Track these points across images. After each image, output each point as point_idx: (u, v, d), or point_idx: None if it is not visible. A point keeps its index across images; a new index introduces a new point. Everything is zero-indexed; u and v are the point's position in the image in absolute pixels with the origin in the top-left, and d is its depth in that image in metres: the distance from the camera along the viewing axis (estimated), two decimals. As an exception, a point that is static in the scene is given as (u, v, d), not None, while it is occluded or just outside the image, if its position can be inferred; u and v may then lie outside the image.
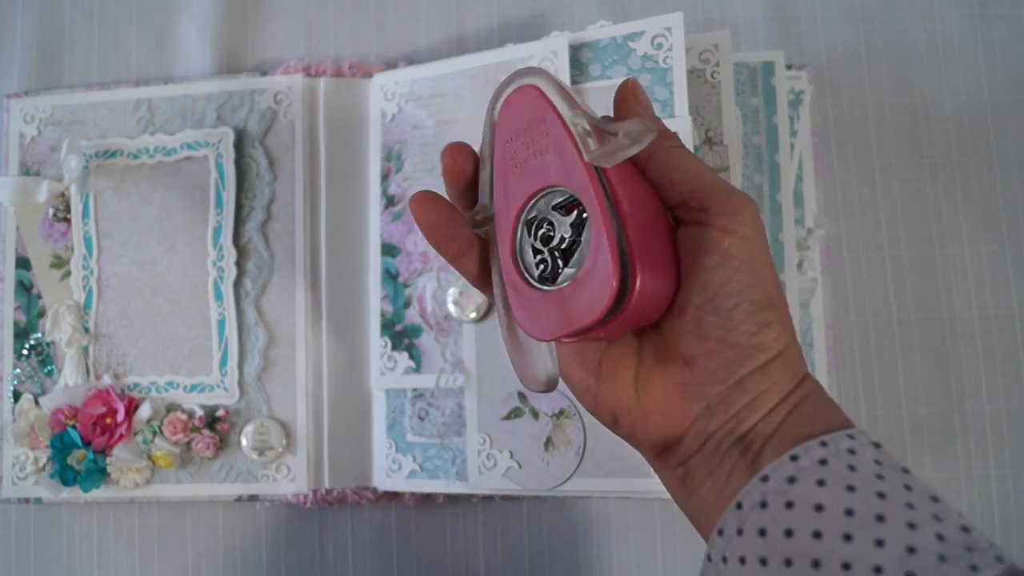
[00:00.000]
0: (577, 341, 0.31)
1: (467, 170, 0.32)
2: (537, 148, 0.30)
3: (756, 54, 0.58)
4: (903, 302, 0.61)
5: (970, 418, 0.60)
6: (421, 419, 0.56)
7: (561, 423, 0.52)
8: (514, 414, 0.53)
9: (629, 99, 0.32)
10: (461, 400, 0.54)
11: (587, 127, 0.29)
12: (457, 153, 0.32)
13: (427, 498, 0.57)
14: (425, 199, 0.32)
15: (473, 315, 0.54)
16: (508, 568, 0.59)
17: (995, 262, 0.62)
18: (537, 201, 0.30)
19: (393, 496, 0.58)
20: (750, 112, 0.57)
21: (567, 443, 0.51)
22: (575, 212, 0.29)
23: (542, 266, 0.30)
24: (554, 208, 0.30)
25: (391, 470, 0.56)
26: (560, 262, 0.30)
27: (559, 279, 0.30)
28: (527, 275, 0.30)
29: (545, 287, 0.30)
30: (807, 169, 0.60)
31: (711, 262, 0.29)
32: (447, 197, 0.33)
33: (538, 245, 0.30)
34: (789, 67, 0.60)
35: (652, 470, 0.33)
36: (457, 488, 0.54)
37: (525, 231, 0.30)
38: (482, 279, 0.33)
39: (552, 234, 0.30)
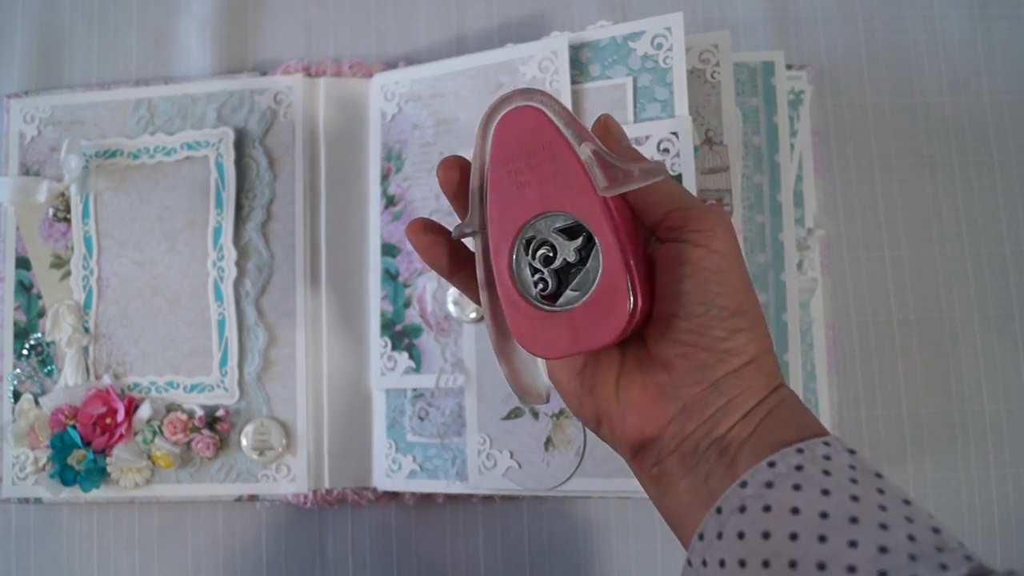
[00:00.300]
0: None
1: (456, 183, 0.33)
2: (540, 172, 0.31)
3: (756, 54, 0.58)
4: (903, 302, 0.61)
5: (970, 418, 0.60)
6: (421, 419, 0.56)
7: (561, 423, 0.52)
8: (514, 414, 0.53)
9: (602, 134, 0.34)
10: (461, 400, 0.54)
11: (592, 156, 0.30)
12: (451, 167, 0.33)
13: (427, 498, 0.57)
14: (418, 225, 0.34)
15: (473, 315, 0.54)
16: (508, 568, 0.59)
17: (995, 262, 0.62)
18: (536, 222, 0.31)
19: (393, 496, 0.58)
20: (750, 112, 0.57)
21: (567, 443, 0.51)
22: (580, 238, 0.31)
23: (540, 285, 0.31)
24: (557, 231, 0.31)
25: (391, 470, 0.56)
26: (561, 284, 0.31)
27: (560, 300, 0.31)
28: (525, 294, 0.31)
29: (546, 307, 0.31)
30: (807, 169, 0.60)
31: (683, 273, 0.31)
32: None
33: (537, 265, 0.31)
34: (789, 67, 0.60)
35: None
36: (457, 488, 0.54)
37: (522, 250, 0.31)
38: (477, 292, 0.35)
39: (552, 256, 0.31)
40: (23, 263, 0.60)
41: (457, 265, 0.34)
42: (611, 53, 0.53)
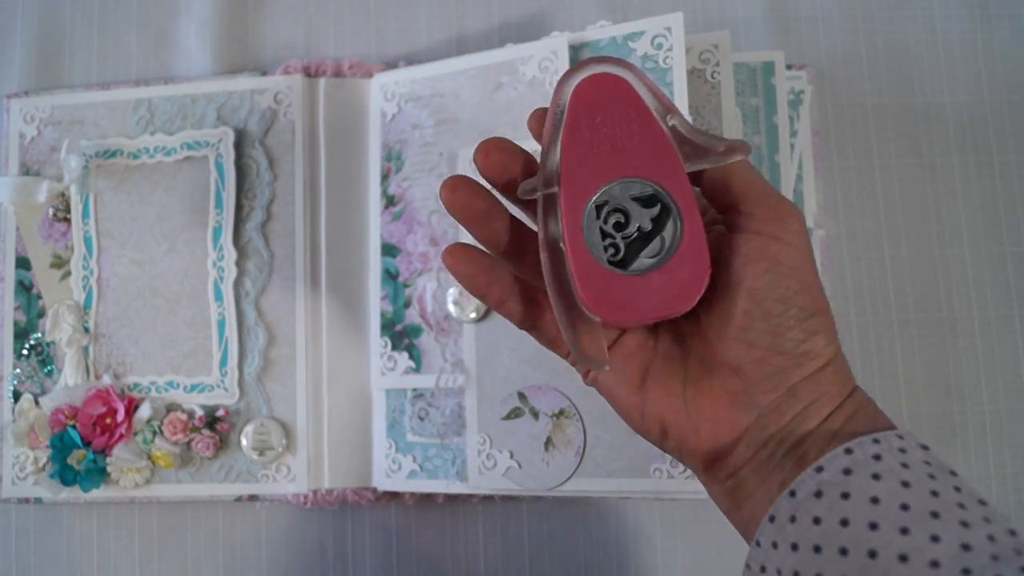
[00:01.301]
0: (628, 327, 0.32)
1: (512, 167, 0.32)
2: (619, 138, 0.30)
3: (756, 54, 0.58)
4: (903, 302, 0.61)
5: (970, 418, 0.60)
6: (421, 419, 0.56)
7: (561, 423, 0.52)
8: (514, 414, 0.53)
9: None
10: (461, 400, 0.54)
11: (678, 128, 0.30)
12: (491, 151, 0.31)
13: (427, 498, 0.57)
14: (458, 252, 0.32)
15: (473, 315, 0.54)
16: (508, 568, 0.59)
17: (995, 262, 0.62)
18: (610, 188, 0.30)
19: (393, 496, 0.58)
20: (750, 112, 0.57)
21: (567, 443, 0.51)
22: (657, 206, 0.30)
23: (611, 251, 0.30)
24: (632, 199, 0.30)
25: (391, 470, 0.56)
26: (631, 251, 0.30)
27: (634, 266, 0.30)
28: (596, 257, 0.30)
29: (617, 272, 0.30)
30: (807, 169, 0.60)
31: (759, 268, 0.29)
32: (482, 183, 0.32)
33: (609, 230, 0.30)
34: (789, 67, 0.60)
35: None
36: (457, 488, 0.54)
37: (593, 214, 0.31)
38: (528, 319, 0.33)
39: (625, 222, 0.30)
40: (23, 263, 0.60)
41: (503, 294, 0.32)
42: (611, 53, 0.53)
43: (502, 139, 0.32)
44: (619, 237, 0.30)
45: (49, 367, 0.59)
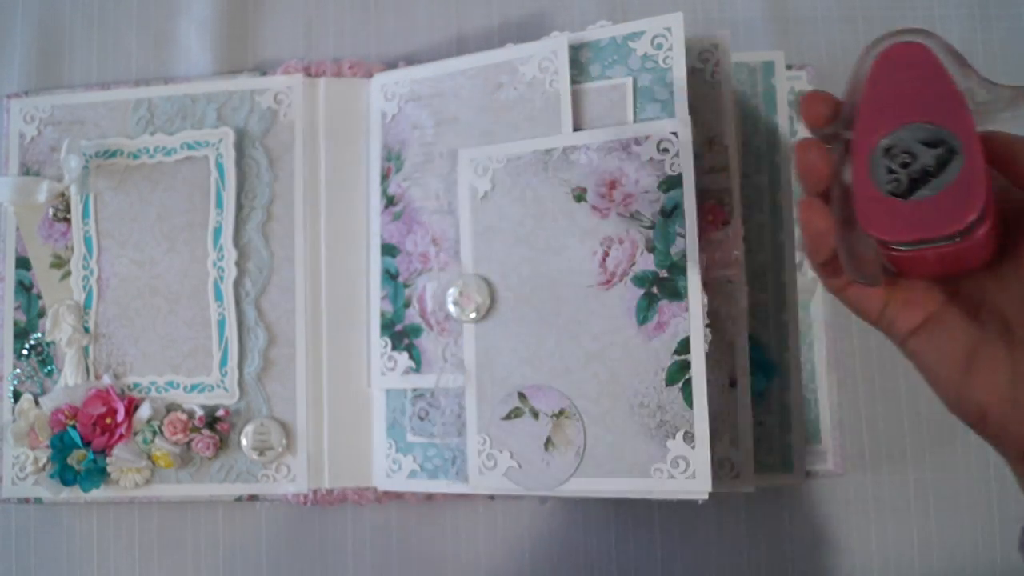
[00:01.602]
0: (911, 265, 0.34)
1: (826, 114, 0.35)
2: (916, 95, 0.34)
3: (756, 54, 0.58)
4: (903, 302, 0.61)
5: (970, 418, 0.60)
6: (421, 419, 0.56)
7: (561, 423, 0.52)
8: (514, 414, 0.53)
9: None
10: (461, 400, 0.54)
11: (971, 83, 0.33)
12: (818, 101, 0.35)
13: (427, 498, 0.57)
14: (818, 209, 0.34)
15: (473, 315, 0.54)
16: (508, 568, 0.59)
17: (995, 262, 0.62)
18: (900, 132, 0.33)
19: (393, 496, 0.58)
20: (750, 112, 0.57)
21: (567, 443, 0.51)
22: (942, 147, 0.32)
23: (893, 183, 0.33)
24: (919, 142, 0.33)
25: (391, 470, 0.56)
26: (912, 188, 0.33)
27: (913, 196, 0.33)
28: (877, 185, 0.33)
29: (896, 199, 0.33)
30: (807, 169, 0.59)
31: None
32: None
33: (894, 166, 0.33)
34: (789, 67, 0.60)
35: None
36: (457, 488, 0.54)
37: (881, 154, 0.34)
38: (829, 266, 0.35)
39: (910, 162, 0.33)
40: (23, 263, 0.60)
41: (831, 254, 0.34)
42: (611, 53, 0.53)
43: (823, 92, 0.35)
44: (903, 173, 0.33)
45: (49, 367, 0.59)
